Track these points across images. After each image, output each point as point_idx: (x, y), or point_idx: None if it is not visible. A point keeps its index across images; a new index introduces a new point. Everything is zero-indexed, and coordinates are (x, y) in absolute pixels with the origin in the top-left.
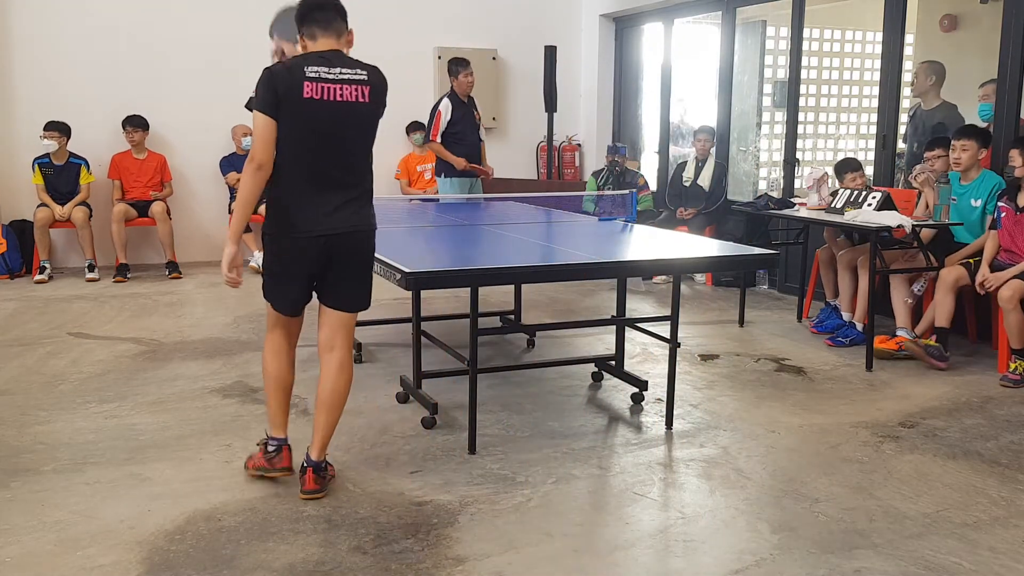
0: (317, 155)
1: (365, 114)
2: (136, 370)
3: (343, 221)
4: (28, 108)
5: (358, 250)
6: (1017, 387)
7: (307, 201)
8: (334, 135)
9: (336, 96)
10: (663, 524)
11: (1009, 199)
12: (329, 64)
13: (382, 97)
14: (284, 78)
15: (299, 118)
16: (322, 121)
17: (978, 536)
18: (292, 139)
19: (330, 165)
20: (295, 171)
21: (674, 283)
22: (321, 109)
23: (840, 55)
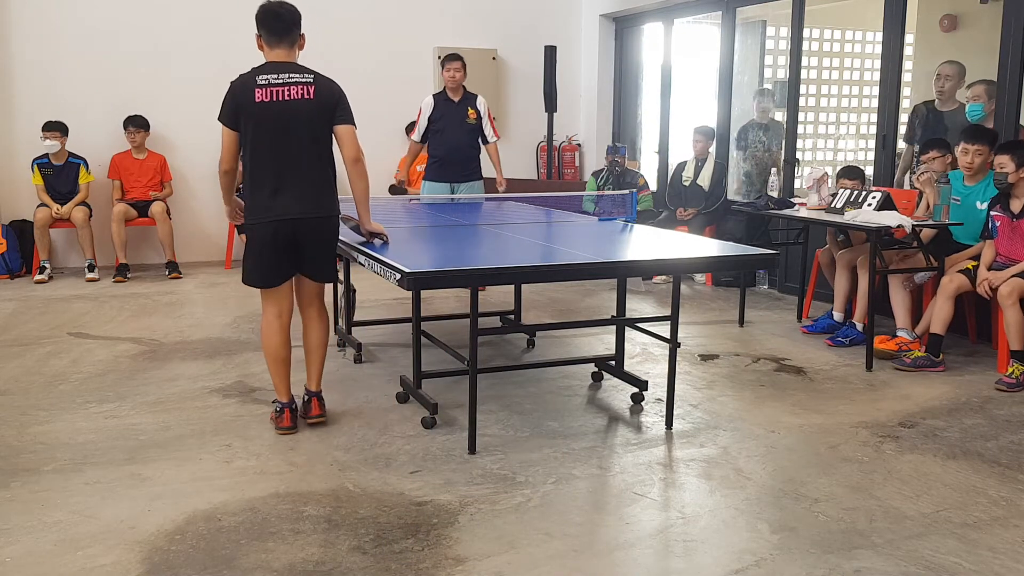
0: (273, 150)
1: (311, 109)
2: (136, 370)
3: (299, 208)
4: (28, 108)
5: (316, 232)
6: (1012, 391)
7: (268, 191)
8: (284, 130)
9: (283, 96)
10: (663, 524)
11: (1002, 207)
12: (278, 71)
13: (330, 98)
14: (240, 89)
15: (254, 120)
16: (272, 119)
17: (978, 536)
18: (251, 139)
19: (285, 158)
20: (257, 165)
21: (674, 283)
22: (270, 109)
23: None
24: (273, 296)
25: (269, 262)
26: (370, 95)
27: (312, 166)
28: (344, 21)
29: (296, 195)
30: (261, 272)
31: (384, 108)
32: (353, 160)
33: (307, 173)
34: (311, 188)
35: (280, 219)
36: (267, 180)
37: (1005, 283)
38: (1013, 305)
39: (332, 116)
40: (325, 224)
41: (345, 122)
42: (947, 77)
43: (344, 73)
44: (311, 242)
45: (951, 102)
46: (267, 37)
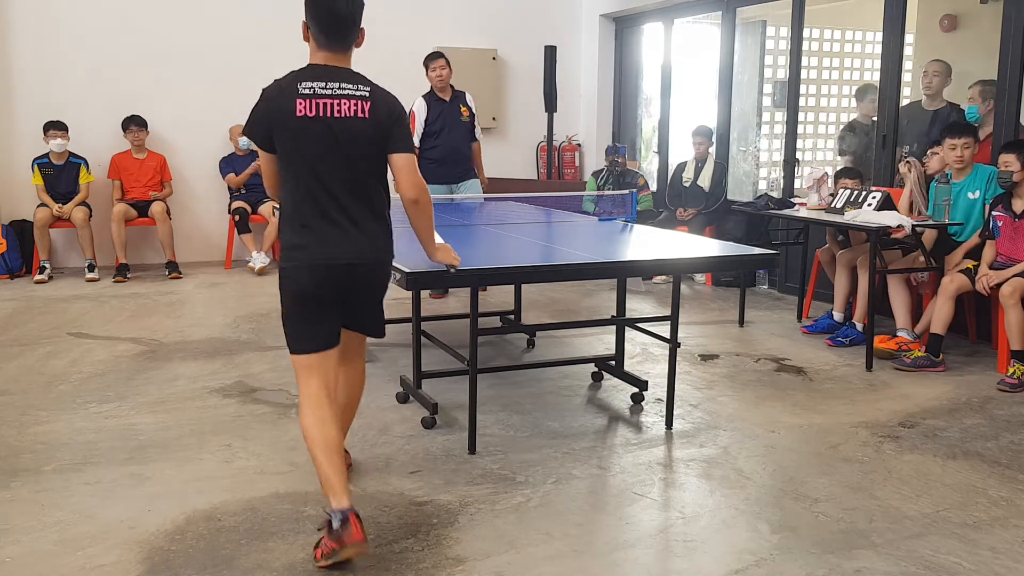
0: (317, 178)
1: (366, 131)
2: (136, 370)
3: (352, 251)
4: (28, 108)
5: (371, 280)
6: (1014, 391)
7: (309, 229)
8: (332, 155)
9: (332, 112)
10: (663, 524)
11: (1004, 207)
12: (327, 79)
13: (387, 118)
14: (276, 99)
15: (294, 140)
16: (318, 141)
17: (978, 536)
18: (290, 163)
19: (332, 189)
20: (296, 197)
21: (674, 283)
22: (315, 127)
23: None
24: (319, 365)
25: (318, 318)
26: None
27: (369, 199)
28: None
29: (347, 235)
30: (310, 333)
31: None
32: (412, 201)
33: (361, 208)
34: (366, 226)
35: (328, 263)
36: (310, 215)
37: (1008, 283)
38: (1015, 305)
39: (387, 140)
40: (381, 270)
41: (402, 149)
42: (934, 74)
43: None
44: (364, 292)
45: (937, 100)
46: (317, 34)
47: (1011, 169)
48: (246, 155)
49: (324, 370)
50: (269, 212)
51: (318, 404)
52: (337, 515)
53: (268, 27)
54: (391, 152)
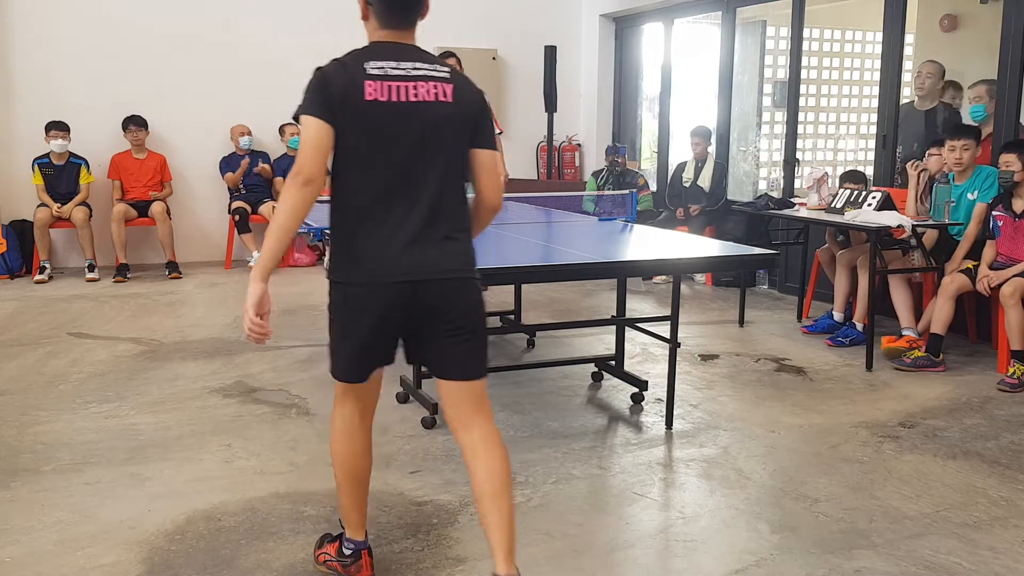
0: (388, 175)
1: (448, 119)
2: (136, 370)
3: (426, 263)
4: (28, 108)
5: (452, 302)
6: (1014, 391)
7: (376, 238)
8: (408, 147)
9: (407, 95)
10: (663, 524)
11: (1004, 207)
12: (399, 58)
13: (472, 106)
14: (338, 79)
15: (361, 128)
16: (391, 130)
17: (978, 536)
18: (354, 156)
19: (406, 189)
20: (360, 198)
21: (674, 283)
22: (389, 114)
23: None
24: (362, 389)
25: (370, 346)
26: None
27: (451, 201)
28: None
29: (425, 244)
30: (361, 363)
31: None
32: (492, 208)
33: (443, 212)
34: (448, 234)
35: (400, 280)
36: (379, 219)
37: (1008, 283)
38: (1016, 305)
39: (473, 133)
40: (471, 288)
41: (488, 144)
42: (927, 75)
43: None
44: (452, 317)
45: (930, 100)
46: (381, 10)
47: (1012, 169)
48: (246, 155)
49: (365, 393)
50: (269, 212)
51: (350, 429)
52: (350, 545)
53: (269, 27)
54: (476, 147)
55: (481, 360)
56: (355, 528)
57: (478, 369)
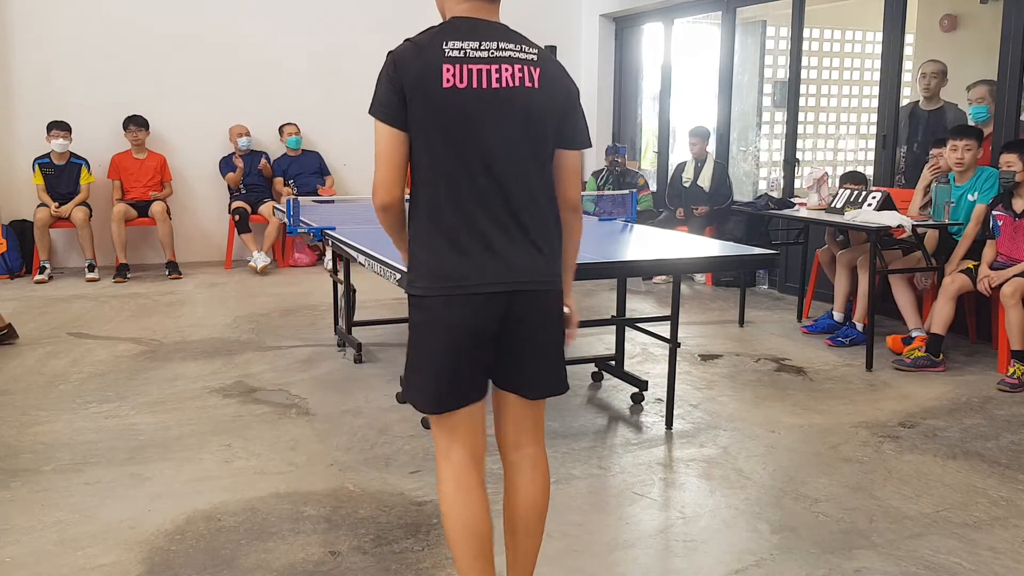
0: (467, 172)
1: (536, 106)
2: (136, 370)
3: (511, 271)
4: (28, 108)
5: (538, 313)
6: (1014, 391)
7: (460, 245)
8: (490, 140)
9: (490, 82)
10: (663, 524)
11: (1004, 207)
12: (481, 37)
13: (562, 93)
14: (412, 63)
15: (437, 120)
16: (471, 121)
17: (978, 536)
18: (429, 152)
19: (492, 188)
20: (437, 198)
21: (674, 283)
22: (469, 102)
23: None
24: (467, 426)
25: (455, 367)
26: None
27: (539, 202)
28: (344, 21)
29: (512, 250)
30: (454, 387)
31: None
32: (573, 208)
33: (530, 212)
34: (537, 239)
35: (486, 291)
36: (457, 223)
37: (1009, 283)
38: (1016, 305)
39: (561, 127)
40: (554, 299)
41: (576, 144)
42: (932, 75)
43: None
44: (534, 329)
45: (935, 100)
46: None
47: (1013, 169)
48: (245, 155)
49: (472, 431)
50: (269, 212)
51: (464, 481)
52: None
53: (269, 27)
54: (563, 146)
55: (561, 375)
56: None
57: (558, 386)
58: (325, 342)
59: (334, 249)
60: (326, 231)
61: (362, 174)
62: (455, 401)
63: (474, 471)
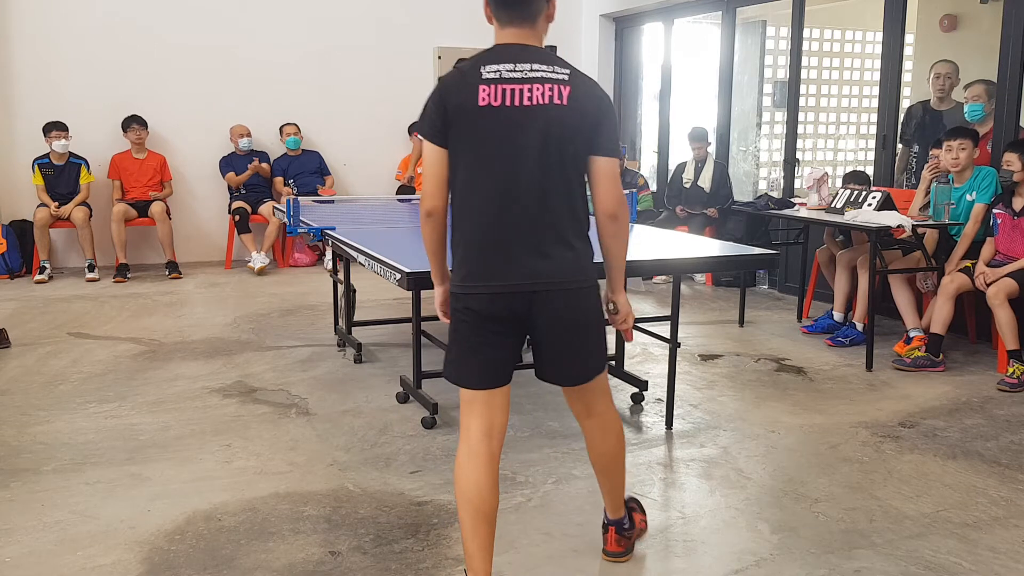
0: (501, 182)
1: (563, 122)
2: (136, 370)
3: (541, 273)
4: (28, 108)
5: (565, 312)
6: (1014, 391)
7: (490, 246)
8: (522, 152)
9: (522, 100)
10: (663, 524)
11: (1005, 205)
12: (515, 59)
13: (591, 109)
14: (455, 88)
15: (475, 135)
16: (504, 134)
17: (978, 536)
18: (468, 163)
19: (520, 195)
20: (474, 205)
21: (674, 283)
22: (502, 118)
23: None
24: (483, 404)
25: (477, 354)
26: (370, 95)
27: (568, 208)
28: (344, 21)
29: (536, 253)
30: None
31: (384, 108)
32: (610, 215)
33: (555, 219)
34: (560, 242)
35: (509, 291)
36: (487, 228)
37: (994, 284)
38: (1001, 305)
39: (591, 138)
40: (583, 298)
41: (606, 152)
42: (946, 76)
43: (344, 73)
44: (556, 325)
45: (948, 101)
46: (497, 9)
47: (1012, 168)
48: (246, 155)
49: (489, 411)
50: (269, 212)
51: (475, 454)
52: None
53: (269, 27)
54: (593, 152)
55: (587, 367)
56: (480, 572)
57: (584, 376)
58: (325, 342)
59: (334, 249)
60: (326, 231)
61: (362, 174)
62: (475, 381)
63: (485, 446)
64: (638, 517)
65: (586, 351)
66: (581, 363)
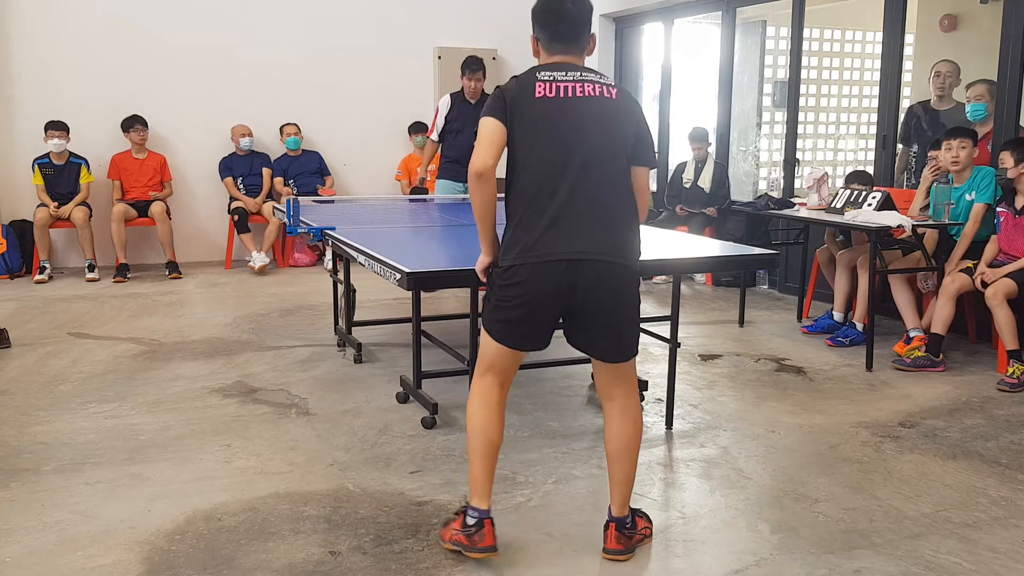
0: (555, 165)
1: (614, 112)
2: (136, 370)
3: (585, 246)
4: (28, 108)
5: (606, 286)
6: (1014, 391)
7: (539, 221)
8: (574, 137)
9: (575, 92)
10: (663, 524)
11: (1007, 204)
12: (567, 69)
13: (634, 113)
14: (513, 88)
15: (533, 122)
16: (558, 120)
17: (978, 536)
18: (525, 147)
19: (571, 177)
20: (528, 187)
21: (674, 283)
22: (556, 107)
23: (840, 55)
24: (503, 360)
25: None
26: (370, 95)
27: (615, 193)
28: (344, 21)
29: (584, 228)
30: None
31: (385, 108)
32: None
33: (603, 198)
34: (607, 221)
35: (554, 259)
36: (541, 205)
37: (992, 284)
38: (1000, 305)
39: (635, 144)
40: (622, 273)
41: (645, 161)
42: (946, 75)
43: (344, 73)
44: (598, 299)
45: (948, 100)
46: (547, 42)
47: (1005, 166)
48: (246, 155)
49: (506, 368)
50: (269, 212)
51: (489, 399)
52: (474, 514)
53: (269, 27)
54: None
55: (620, 345)
56: (481, 497)
57: (618, 353)
58: (325, 342)
59: (334, 249)
60: (326, 231)
61: (362, 174)
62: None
63: (497, 391)
64: (641, 523)
65: (622, 328)
66: (616, 339)
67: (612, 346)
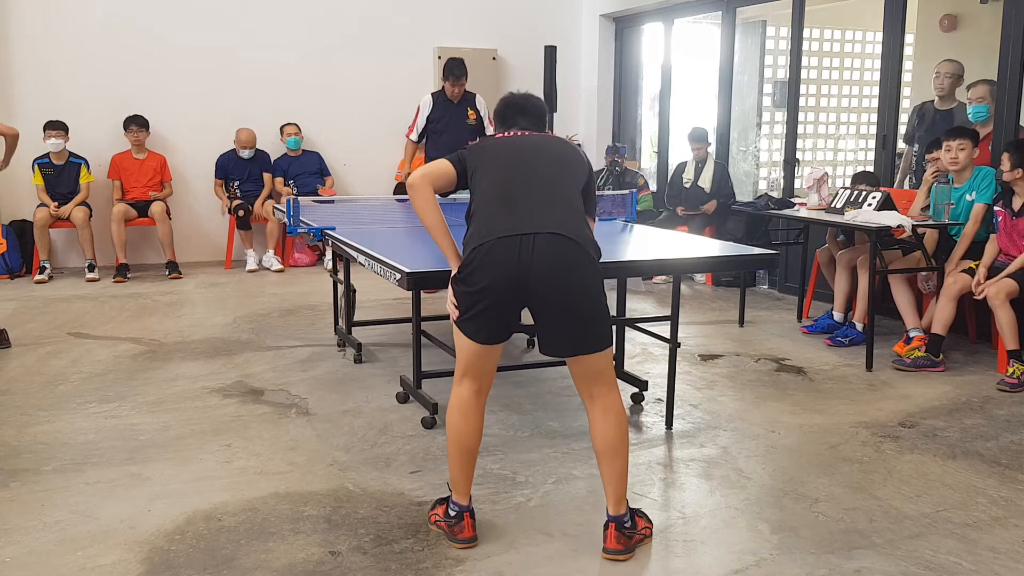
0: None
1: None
2: (136, 370)
3: (537, 225)
4: (28, 108)
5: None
6: (1014, 391)
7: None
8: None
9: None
10: (663, 524)
11: (1004, 204)
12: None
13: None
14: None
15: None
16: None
17: (978, 536)
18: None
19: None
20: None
21: (674, 283)
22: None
23: (840, 55)
24: (478, 361)
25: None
26: (370, 95)
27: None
28: (344, 21)
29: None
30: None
31: (384, 108)
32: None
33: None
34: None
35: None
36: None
37: (994, 284)
38: (1002, 305)
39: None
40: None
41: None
42: (947, 75)
43: (344, 73)
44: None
45: (950, 100)
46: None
47: (1003, 168)
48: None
49: (480, 373)
50: (269, 212)
51: (467, 407)
52: (455, 508)
53: (269, 27)
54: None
55: (589, 333)
56: (461, 494)
57: (587, 342)
58: (325, 342)
59: (334, 249)
60: (326, 231)
61: (362, 174)
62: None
63: (474, 399)
64: (641, 523)
65: (587, 312)
66: (582, 326)
67: (580, 334)
